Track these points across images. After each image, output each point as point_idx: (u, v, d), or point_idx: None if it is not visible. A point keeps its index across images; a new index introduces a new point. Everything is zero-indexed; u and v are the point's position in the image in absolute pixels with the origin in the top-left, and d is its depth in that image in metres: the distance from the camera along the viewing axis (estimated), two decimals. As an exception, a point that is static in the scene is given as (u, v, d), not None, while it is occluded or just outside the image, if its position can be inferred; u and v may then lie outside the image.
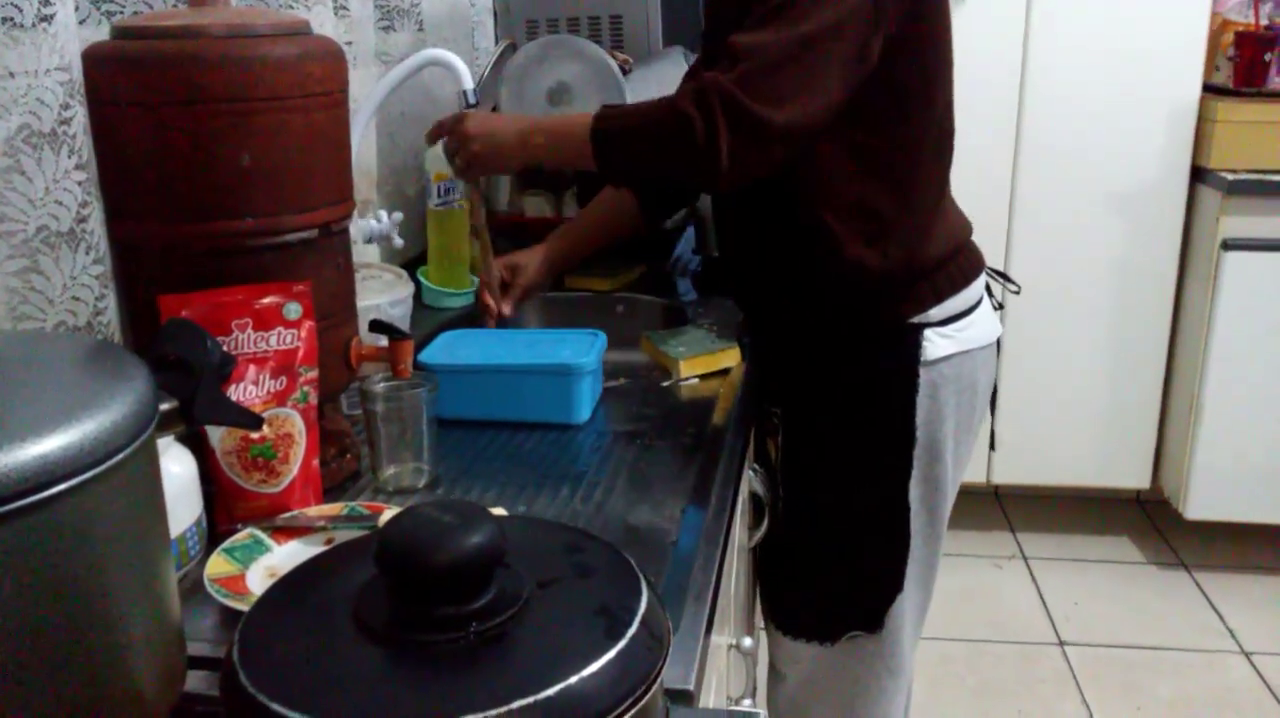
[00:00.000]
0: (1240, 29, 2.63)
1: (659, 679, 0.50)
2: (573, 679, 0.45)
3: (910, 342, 1.33)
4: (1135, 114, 2.57)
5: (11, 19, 0.80)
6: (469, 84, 1.41)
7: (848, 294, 1.34)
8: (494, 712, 0.43)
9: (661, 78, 1.85)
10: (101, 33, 0.92)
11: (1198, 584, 2.67)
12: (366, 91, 1.45)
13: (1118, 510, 3.00)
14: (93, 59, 0.88)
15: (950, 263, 1.36)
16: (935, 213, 1.36)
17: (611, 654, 0.47)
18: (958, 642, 2.44)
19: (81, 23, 0.94)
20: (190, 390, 0.63)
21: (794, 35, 1.15)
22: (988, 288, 1.46)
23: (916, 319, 1.33)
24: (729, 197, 1.36)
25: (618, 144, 1.23)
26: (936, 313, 1.34)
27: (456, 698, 0.44)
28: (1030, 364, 2.66)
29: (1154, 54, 2.54)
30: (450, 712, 0.43)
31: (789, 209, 1.32)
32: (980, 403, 1.44)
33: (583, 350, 1.21)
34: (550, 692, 0.44)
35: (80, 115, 0.87)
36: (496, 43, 2.07)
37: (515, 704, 0.44)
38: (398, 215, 1.46)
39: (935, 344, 1.34)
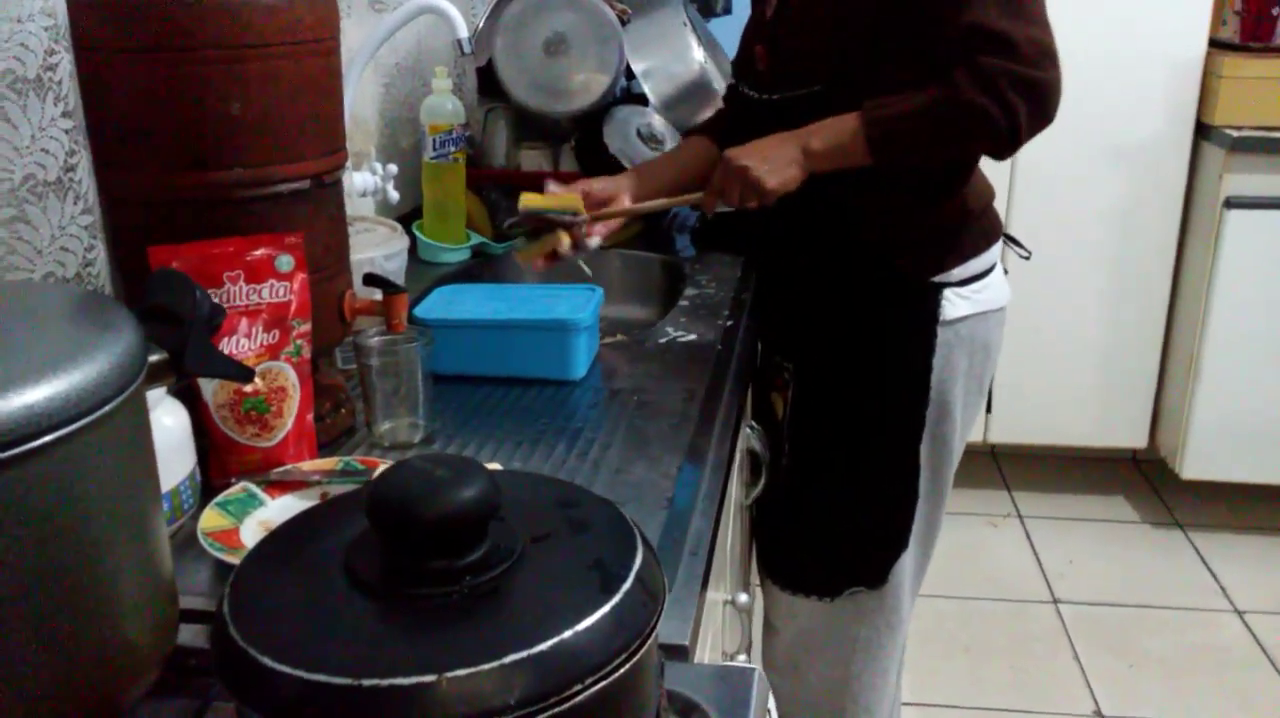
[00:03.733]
0: (1248, -17, 2.59)
1: (654, 634, 0.49)
2: (566, 634, 0.45)
3: (930, 300, 1.33)
4: (1139, 68, 2.54)
5: (-7, -39, 0.78)
6: (464, 33, 1.38)
7: (877, 248, 1.34)
8: (487, 666, 0.43)
9: (661, 29, 1.83)
10: (87, -23, 0.89)
11: (1192, 544, 2.69)
12: (360, 41, 1.42)
13: (1114, 470, 3.01)
14: (78, 3, 0.86)
15: (975, 224, 1.36)
16: (969, 173, 1.37)
17: (606, 609, 0.46)
18: (952, 599, 2.45)
19: (66, -33, 0.91)
20: (180, 342, 0.62)
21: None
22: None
23: (938, 278, 1.33)
24: None
25: (901, 148, 1.24)
26: (957, 273, 1.34)
27: (449, 652, 0.43)
28: (1029, 322, 2.65)
29: (1159, 7, 2.51)
30: (443, 665, 0.42)
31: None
32: (990, 365, 1.44)
33: (579, 306, 1.19)
34: (544, 646, 0.44)
35: (66, 62, 0.85)
36: (493, -7, 2.03)
37: (508, 658, 0.43)
38: (392, 168, 1.44)
39: (953, 304, 1.34)
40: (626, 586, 0.48)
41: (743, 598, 1.21)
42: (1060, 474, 2.98)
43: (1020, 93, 1.16)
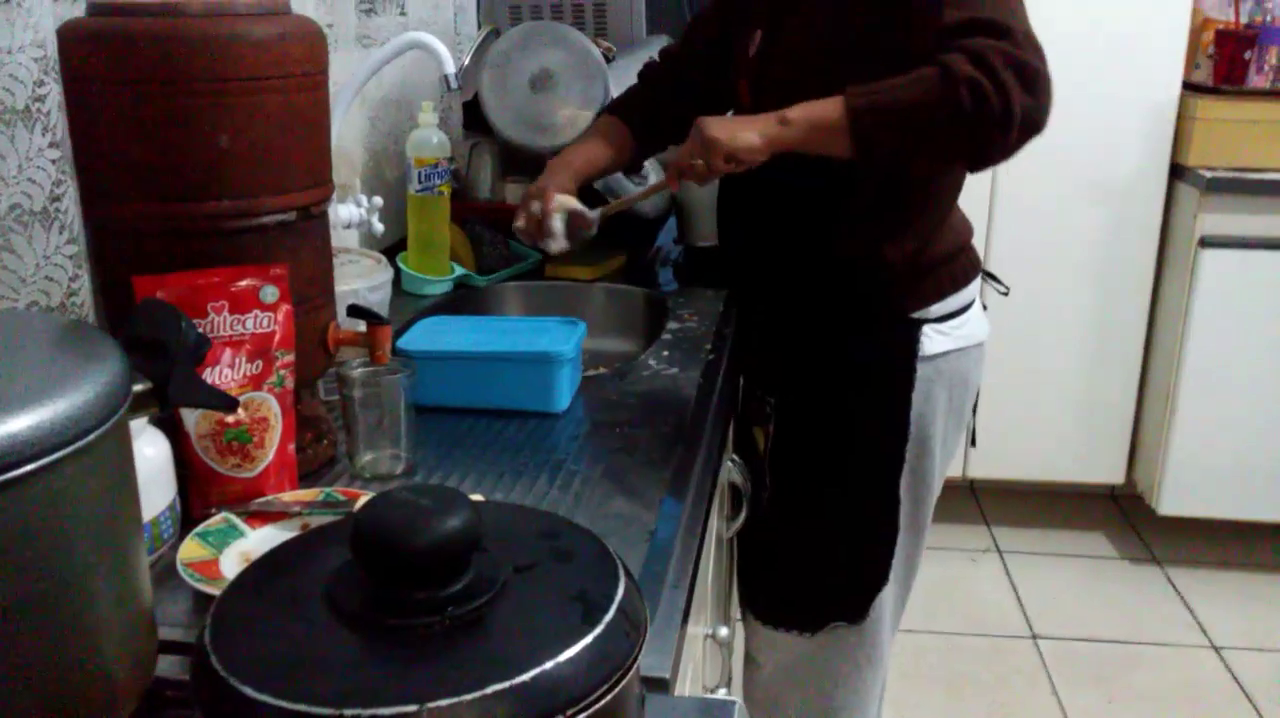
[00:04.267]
0: (1220, 27, 2.65)
1: (635, 666, 0.49)
2: (548, 664, 0.45)
3: (910, 336, 1.34)
4: (1115, 110, 2.59)
5: (-15, -8, 0.79)
6: (451, 69, 1.40)
7: (858, 283, 1.35)
8: (469, 696, 0.43)
9: (645, 66, 1.84)
10: (77, 9, 0.90)
11: (1170, 580, 2.70)
12: (348, 75, 1.44)
13: (1092, 506, 3.03)
14: (68, 35, 0.86)
15: (955, 261, 1.38)
16: (949, 209, 1.38)
17: (588, 640, 0.47)
18: (932, 634, 2.45)
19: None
20: (164, 372, 0.62)
21: (1005, 1, 1.15)
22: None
23: (917, 314, 1.34)
24: (745, 182, 1.32)
25: (884, 124, 1.14)
26: (937, 309, 1.36)
27: (432, 682, 0.43)
28: (1008, 358, 2.67)
29: (1135, 50, 2.56)
30: (425, 696, 0.42)
31: (808, 195, 1.32)
32: (969, 401, 1.45)
33: (563, 339, 1.20)
34: (526, 677, 0.44)
35: (55, 93, 0.86)
36: (479, 28, 2.06)
37: (490, 689, 0.43)
38: (378, 200, 1.45)
39: (932, 340, 1.35)
40: (609, 617, 0.48)
41: (723, 632, 1.21)
42: (1039, 509, 2.99)
43: (1014, 73, 1.10)
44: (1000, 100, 1.09)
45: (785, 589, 1.50)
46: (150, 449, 0.84)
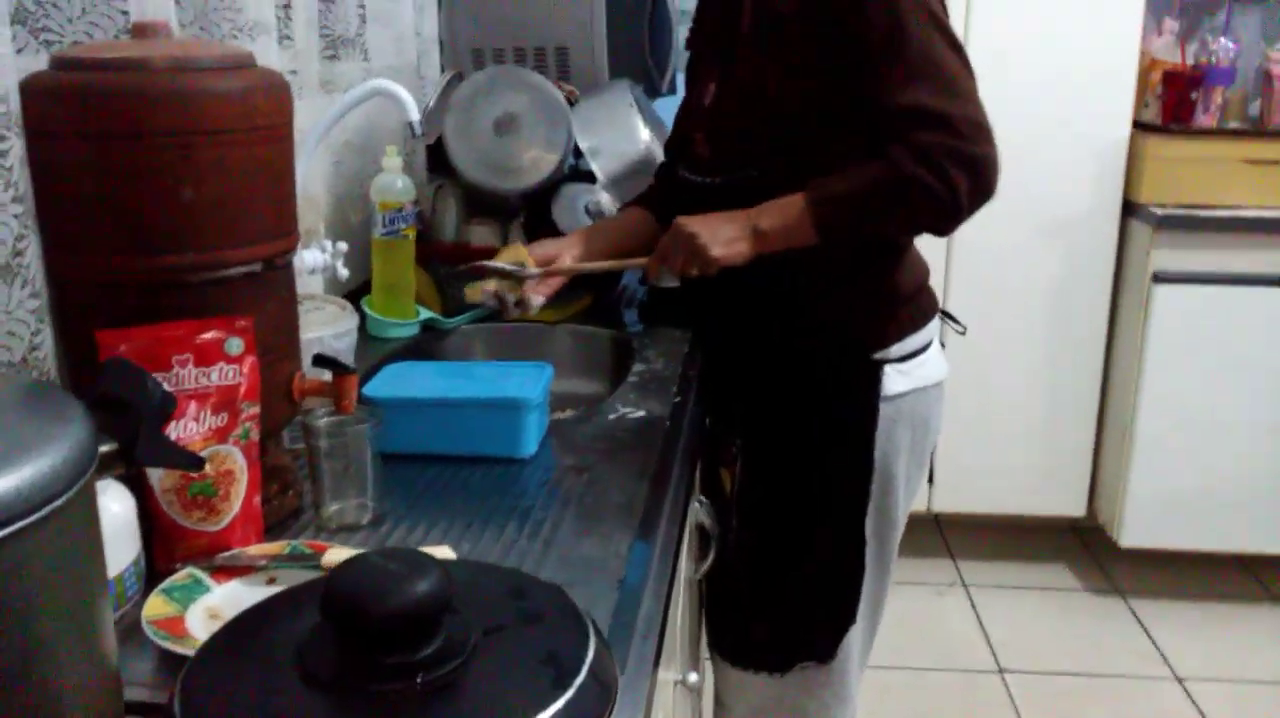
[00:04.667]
0: (1168, 68, 2.72)
1: (607, 726, 0.50)
2: (521, 729, 0.45)
3: (871, 377, 1.36)
4: (1068, 149, 2.65)
5: (-53, 49, 0.79)
6: (415, 116, 1.40)
7: (817, 323, 1.37)
8: (442, 763, 0.43)
9: (609, 109, 1.87)
10: (40, 62, 0.90)
11: (1132, 611, 2.73)
12: (312, 121, 1.44)
13: (1055, 538, 3.06)
14: (31, 89, 0.86)
15: (913, 302, 1.40)
16: (906, 250, 1.41)
17: (559, 704, 0.47)
18: (900, 670, 2.46)
19: (19, 52, 0.92)
20: (131, 431, 0.62)
21: (947, 77, 1.23)
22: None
23: (877, 355, 1.36)
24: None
25: (847, 225, 1.28)
26: (896, 350, 1.38)
27: (404, 750, 0.43)
28: (967, 394, 2.70)
29: (1085, 90, 2.62)
30: (398, 765, 0.42)
31: None
32: (931, 438, 1.47)
33: (530, 384, 1.20)
34: (499, 743, 0.44)
35: (18, 147, 0.86)
36: (442, 72, 2.07)
37: (464, 756, 0.43)
38: (342, 245, 1.45)
39: (893, 380, 1.37)
40: (579, 680, 0.48)
41: (693, 677, 1.21)
42: (1003, 542, 3.02)
43: (960, 167, 1.20)
44: (947, 193, 1.21)
45: (754, 630, 1.51)
46: (115, 505, 0.83)
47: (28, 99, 0.86)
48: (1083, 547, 3.03)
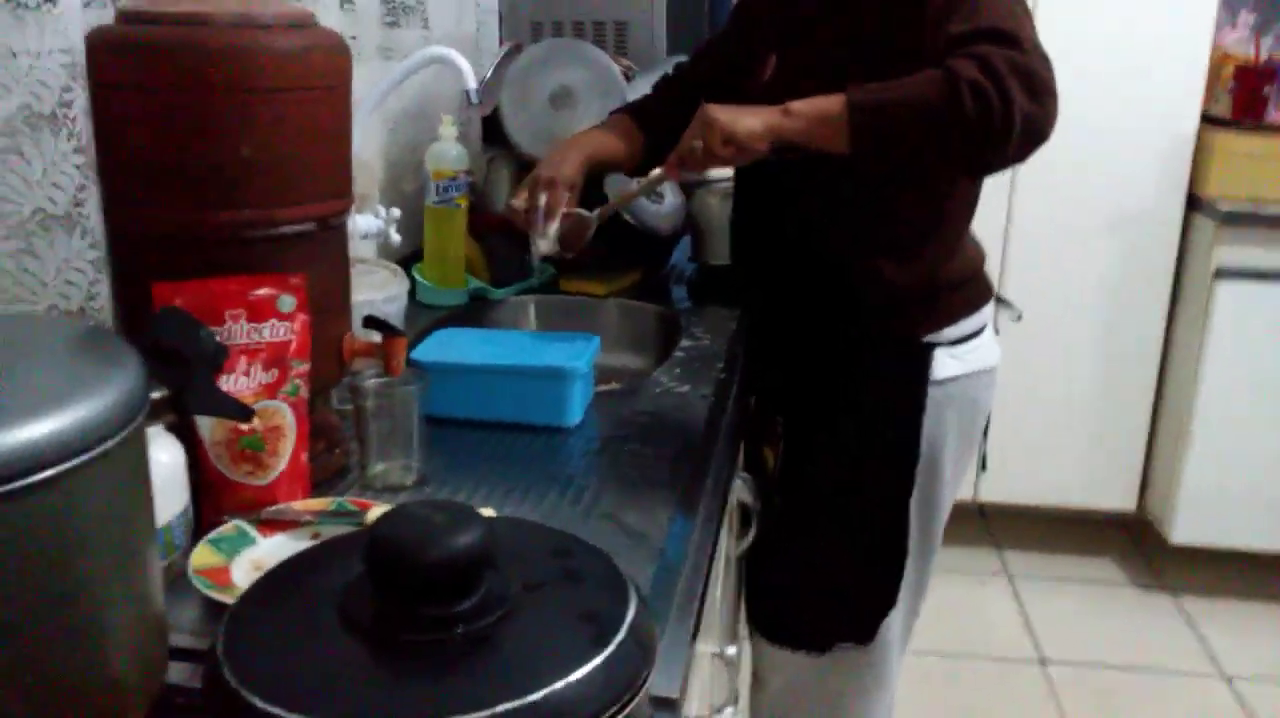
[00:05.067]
0: (1240, 63, 2.65)
1: (644, 687, 0.49)
2: (558, 684, 0.45)
3: (921, 360, 1.34)
4: (1133, 141, 2.59)
5: (16, -1, 0.80)
6: (472, 83, 1.40)
7: (870, 306, 1.35)
8: (479, 714, 0.43)
9: (664, 84, 1.85)
10: (106, 16, 0.91)
11: (1181, 608, 2.68)
12: (369, 86, 1.45)
13: (1103, 532, 3.01)
14: (96, 42, 0.87)
15: (968, 285, 1.38)
16: (962, 233, 1.38)
17: (598, 661, 0.47)
18: (941, 657, 2.44)
19: (86, 5, 0.93)
20: (182, 380, 0.63)
21: (1009, 11, 1.14)
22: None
23: (929, 338, 1.34)
24: (757, 202, 1.31)
25: (883, 121, 1.14)
26: (949, 333, 1.35)
27: (441, 699, 0.43)
28: (1021, 383, 2.66)
29: (1154, 82, 2.56)
30: (435, 712, 0.42)
31: (822, 216, 1.32)
32: (979, 425, 1.45)
33: (576, 353, 1.20)
34: (535, 696, 0.44)
35: (81, 98, 0.87)
36: (501, 44, 2.07)
37: (500, 708, 0.43)
38: (395, 212, 1.46)
39: (944, 364, 1.35)
40: (619, 638, 0.48)
41: (731, 650, 1.21)
42: (1049, 534, 2.98)
43: (1020, 82, 1.09)
44: (1002, 104, 1.08)
45: (793, 608, 1.50)
46: (164, 456, 0.84)
47: (93, 52, 0.88)
48: (1131, 542, 2.98)
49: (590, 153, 1.42)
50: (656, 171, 1.34)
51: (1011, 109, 1.08)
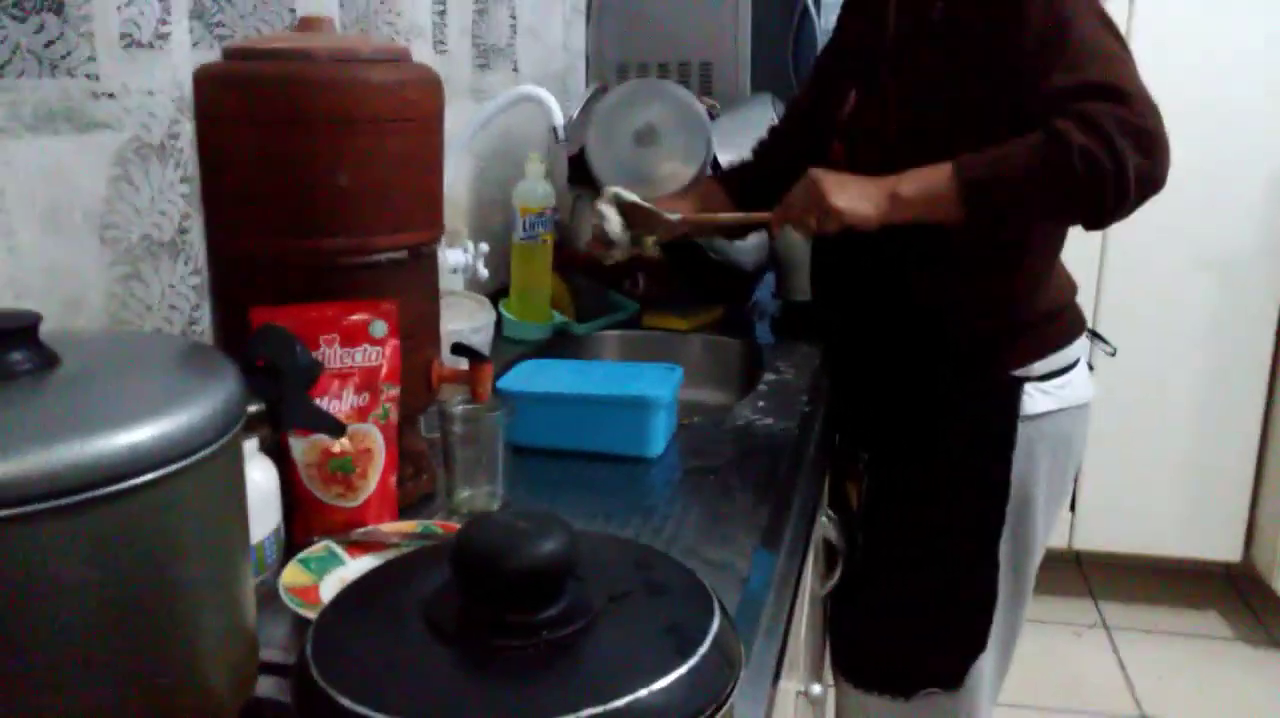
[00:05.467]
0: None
1: (730, 702, 0.48)
2: (642, 693, 0.44)
3: (1011, 395, 1.31)
4: (1231, 177, 2.51)
5: (131, 34, 0.84)
6: (559, 120, 1.43)
7: (956, 341, 1.33)
8: (562, 719, 0.43)
9: (749, 123, 1.86)
10: (213, 55, 0.95)
11: (1291, 666, 2.55)
12: (460, 126, 1.48)
13: (1206, 584, 2.89)
14: (203, 78, 0.91)
15: (1058, 318, 1.35)
16: (1052, 265, 1.35)
17: (683, 671, 0.46)
18: (1034, 710, 2.36)
19: (195, 45, 0.97)
20: (277, 394, 0.64)
21: (1115, 61, 1.13)
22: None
23: (1019, 372, 1.31)
24: (840, 238, 1.31)
25: (997, 195, 1.15)
26: (1039, 368, 1.32)
27: (527, 703, 0.43)
28: (1118, 427, 2.58)
29: (1254, 118, 2.49)
30: (519, 716, 0.42)
31: (904, 251, 1.31)
32: (1073, 463, 1.41)
33: (659, 383, 1.20)
34: (619, 703, 0.44)
35: (188, 131, 0.91)
36: (587, 85, 2.11)
37: (584, 713, 0.43)
38: (484, 247, 1.49)
39: (1035, 399, 1.32)
40: (703, 650, 0.48)
41: (816, 689, 1.18)
42: (1148, 585, 2.87)
43: (1130, 139, 1.08)
44: (1114, 166, 1.08)
45: (878, 651, 1.46)
46: (259, 475, 0.86)
47: (199, 86, 0.91)
48: (1237, 594, 2.85)
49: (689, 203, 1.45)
50: (758, 216, 1.36)
51: (1125, 171, 1.08)
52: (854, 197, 1.20)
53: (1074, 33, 1.14)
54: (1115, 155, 1.07)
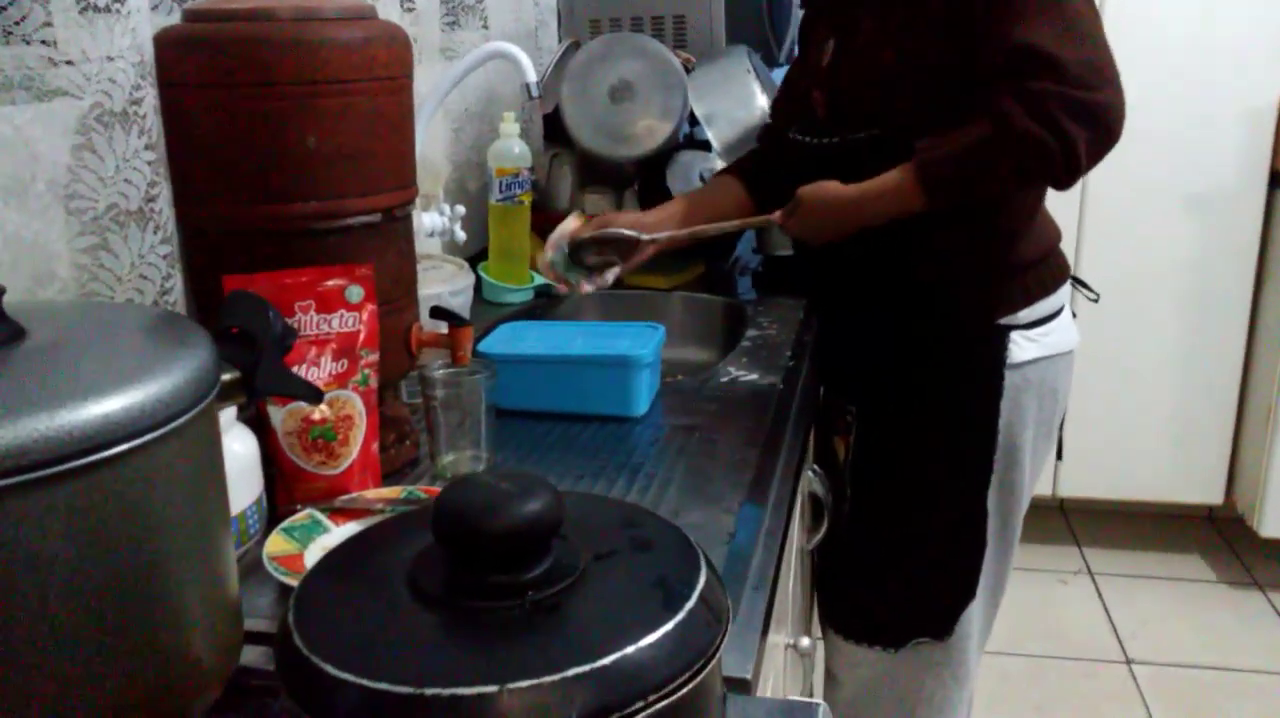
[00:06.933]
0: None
1: (718, 656, 0.48)
2: (629, 649, 0.44)
3: (996, 343, 1.32)
4: (1212, 117, 2.51)
5: (88, 1, 0.82)
6: (532, 77, 1.41)
7: (941, 289, 1.32)
8: (549, 679, 0.42)
9: (725, 76, 1.84)
10: (174, 19, 0.93)
11: (1272, 605, 2.58)
12: (431, 88, 1.46)
13: (1189, 527, 2.92)
14: (164, 41, 0.89)
15: (1042, 265, 1.35)
16: (1035, 213, 1.35)
17: (669, 627, 0.46)
18: (1020, 657, 2.38)
19: (155, 8, 0.95)
20: (252, 362, 0.63)
21: (1068, 17, 1.16)
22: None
23: (1004, 321, 1.32)
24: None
25: (958, 189, 1.23)
26: (1024, 316, 1.32)
27: (511, 664, 0.43)
28: (1099, 373, 2.60)
29: (1233, 56, 2.48)
30: (505, 677, 0.42)
31: None
32: (1059, 410, 1.42)
33: (642, 342, 1.20)
34: (606, 661, 0.43)
35: (151, 96, 0.88)
36: (560, 41, 2.07)
37: (571, 672, 0.43)
38: (460, 209, 1.47)
39: (1020, 347, 1.32)
40: (690, 604, 0.47)
41: (805, 642, 1.19)
42: (1132, 530, 2.90)
43: (1075, 117, 1.12)
44: (1061, 149, 1.13)
45: (867, 604, 1.47)
46: (238, 445, 0.85)
47: (161, 51, 0.89)
48: (1219, 536, 2.88)
49: (676, 210, 1.46)
50: (758, 219, 1.41)
51: (1074, 150, 1.13)
52: (830, 218, 1.30)
53: None
54: (1063, 137, 1.13)
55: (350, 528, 0.88)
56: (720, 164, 1.83)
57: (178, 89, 0.89)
